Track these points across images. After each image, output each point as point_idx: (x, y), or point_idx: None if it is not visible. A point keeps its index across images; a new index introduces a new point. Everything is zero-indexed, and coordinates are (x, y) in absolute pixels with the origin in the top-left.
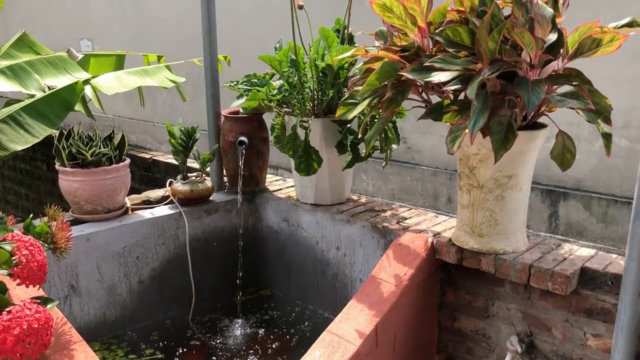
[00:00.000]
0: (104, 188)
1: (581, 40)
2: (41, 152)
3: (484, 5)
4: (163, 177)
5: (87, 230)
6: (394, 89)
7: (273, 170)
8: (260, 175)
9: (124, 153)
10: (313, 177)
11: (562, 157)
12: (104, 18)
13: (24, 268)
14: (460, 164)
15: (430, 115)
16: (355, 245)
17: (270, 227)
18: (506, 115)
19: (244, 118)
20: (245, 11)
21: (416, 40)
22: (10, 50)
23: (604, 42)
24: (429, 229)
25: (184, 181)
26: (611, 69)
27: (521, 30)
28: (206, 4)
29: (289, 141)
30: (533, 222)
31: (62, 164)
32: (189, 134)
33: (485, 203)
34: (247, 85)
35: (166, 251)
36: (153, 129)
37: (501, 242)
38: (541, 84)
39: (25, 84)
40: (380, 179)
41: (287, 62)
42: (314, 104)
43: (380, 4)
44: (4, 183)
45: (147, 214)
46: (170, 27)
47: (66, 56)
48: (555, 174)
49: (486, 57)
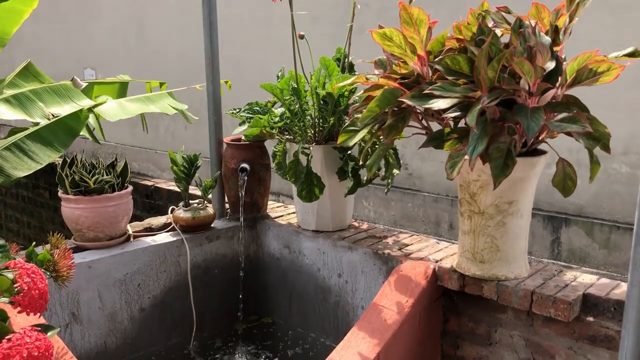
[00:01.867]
0: (107, 215)
1: (579, 69)
2: (44, 179)
3: (482, 34)
4: (165, 205)
5: (89, 257)
6: (395, 116)
7: (274, 196)
8: (261, 201)
9: (126, 180)
10: (314, 204)
11: (563, 184)
12: (108, 48)
13: (25, 296)
14: (461, 191)
15: (431, 143)
16: (357, 272)
17: (271, 254)
18: (505, 142)
19: (246, 145)
20: (247, 41)
21: (416, 68)
22: (15, 80)
23: (602, 71)
24: (431, 256)
25: (185, 208)
26: (610, 96)
27: (521, 59)
28: (209, 34)
29: (291, 167)
30: (535, 249)
31: (65, 192)
32: (191, 161)
33: (486, 229)
34: (249, 113)
35: (167, 278)
36: (155, 157)
37: (503, 268)
38: (540, 111)
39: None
40: (382, 205)
41: (288, 90)
42: (315, 131)
43: (380, 33)
44: (6, 211)
45: (149, 241)
46: (173, 56)
47: (70, 84)
48: (556, 200)
49: (485, 85)
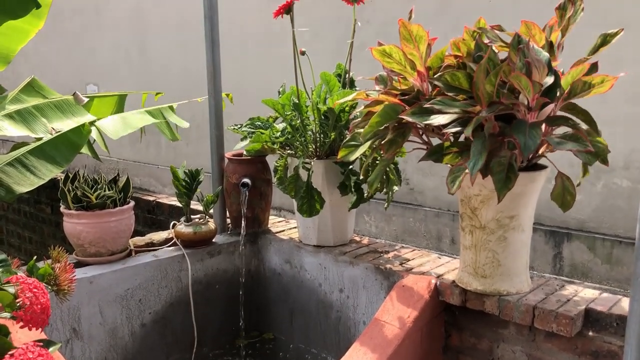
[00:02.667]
0: (108, 230)
1: (573, 82)
2: (46, 195)
3: (480, 50)
4: (166, 220)
5: (90, 272)
6: (395, 131)
7: (276, 211)
8: (263, 216)
9: (128, 196)
10: (315, 219)
11: (562, 198)
12: (110, 63)
13: (27, 310)
14: (462, 205)
15: (431, 157)
16: (358, 287)
17: (273, 269)
18: (506, 156)
19: (247, 160)
20: (249, 57)
21: (415, 84)
22: (19, 95)
23: (595, 83)
24: (432, 271)
25: (187, 223)
26: (610, 111)
27: (518, 74)
28: (211, 50)
29: (291, 182)
30: (537, 264)
31: (67, 207)
32: (193, 176)
33: (487, 244)
34: (250, 128)
35: (169, 294)
36: (157, 172)
37: (504, 283)
38: (538, 127)
39: (32, 128)
40: (383, 220)
41: (289, 105)
42: (316, 146)
43: (380, 49)
44: (8, 226)
45: (150, 256)
46: (175, 72)
47: (72, 99)
48: (558, 215)
49: (484, 99)
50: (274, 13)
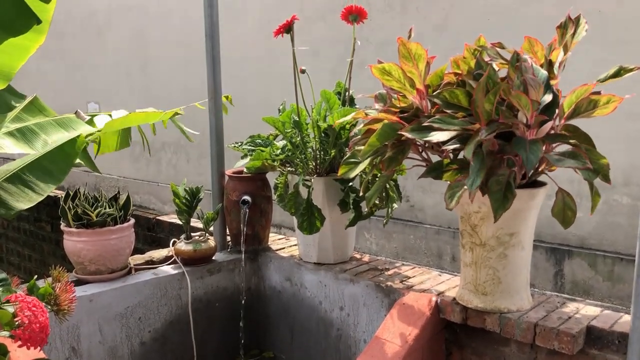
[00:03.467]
0: (109, 248)
1: (578, 101)
2: (46, 212)
3: (480, 68)
4: (167, 237)
5: (90, 290)
6: (394, 149)
7: (276, 229)
8: (263, 234)
9: (128, 213)
10: (316, 236)
11: (563, 214)
12: (112, 82)
13: (26, 329)
14: (462, 222)
15: (430, 173)
16: (359, 305)
17: (273, 287)
18: (505, 174)
19: (247, 177)
20: (250, 75)
21: (415, 102)
22: (20, 114)
23: (600, 103)
24: (433, 288)
25: (187, 241)
26: (610, 128)
27: (518, 93)
28: (212, 68)
29: (291, 199)
30: (538, 281)
31: (68, 225)
32: (193, 193)
33: (488, 261)
34: (251, 146)
35: (168, 312)
36: (157, 189)
37: (505, 300)
38: (538, 143)
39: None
40: (384, 237)
41: (290, 123)
42: (317, 163)
43: (379, 67)
44: (8, 244)
45: (150, 274)
46: (176, 90)
47: (74, 117)
48: (558, 232)
49: (483, 118)
50: (274, 32)
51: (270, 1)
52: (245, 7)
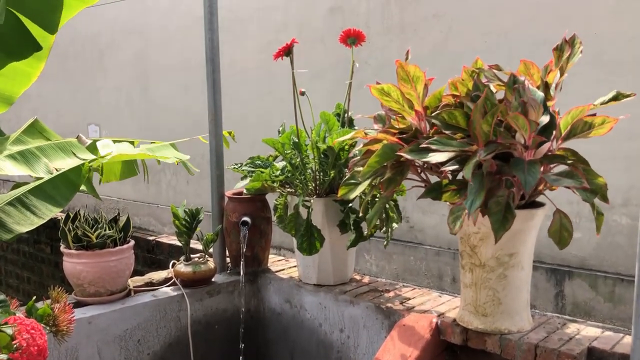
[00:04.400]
0: (108, 270)
1: (574, 122)
2: (46, 234)
3: (478, 90)
4: (166, 259)
5: (89, 312)
6: (394, 170)
7: (276, 250)
8: (263, 255)
9: (128, 235)
10: (315, 257)
11: (559, 235)
12: (112, 105)
13: (24, 352)
14: (462, 243)
15: (429, 194)
16: (359, 327)
17: (272, 309)
18: (504, 195)
19: (247, 199)
20: (250, 97)
21: (413, 123)
22: (21, 136)
23: (596, 124)
24: (433, 309)
25: (186, 262)
26: (607, 148)
27: (516, 114)
28: (212, 91)
29: (291, 220)
30: (539, 302)
31: (67, 246)
32: (193, 215)
33: (487, 282)
34: (251, 167)
35: (168, 334)
36: (157, 211)
37: (506, 321)
38: (536, 164)
39: (34, 168)
40: (384, 258)
41: (289, 144)
42: (316, 184)
43: (378, 88)
44: (7, 266)
45: (150, 296)
46: (176, 112)
47: (75, 141)
48: (558, 253)
49: (481, 139)
50: (274, 55)
51: (270, 24)
52: (245, 30)
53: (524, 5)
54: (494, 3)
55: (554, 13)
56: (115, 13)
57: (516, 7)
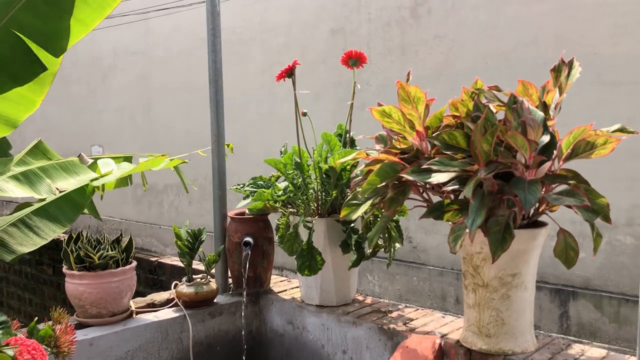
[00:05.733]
0: (110, 291)
1: (576, 142)
2: (48, 255)
3: (478, 111)
4: (168, 280)
5: (91, 334)
6: (395, 189)
7: (278, 271)
8: (265, 276)
9: (130, 256)
10: (318, 278)
11: (565, 254)
12: (115, 126)
13: None
14: (465, 263)
15: (431, 214)
16: (362, 348)
17: (275, 330)
18: (504, 215)
19: (249, 219)
20: (252, 118)
21: (415, 143)
22: (25, 158)
23: (598, 144)
24: (437, 330)
25: (189, 283)
26: (610, 168)
27: (514, 133)
28: (215, 112)
29: (289, 239)
30: (544, 323)
31: (70, 267)
32: (195, 235)
33: (491, 302)
34: (253, 187)
35: (169, 356)
36: (159, 232)
37: (509, 342)
38: (537, 183)
39: (37, 189)
40: (387, 279)
41: (291, 164)
42: (318, 204)
43: (379, 110)
44: (9, 288)
45: (151, 317)
46: (179, 133)
47: (77, 160)
48: (562, 273)
49: (482, 158)
50: (277, 77)
51: (272, 46)
52: (248, 52)
53: (525, 27)
54: (495, 24)
55: (554, 35)
56: (118, 36)
57: (517, 29)
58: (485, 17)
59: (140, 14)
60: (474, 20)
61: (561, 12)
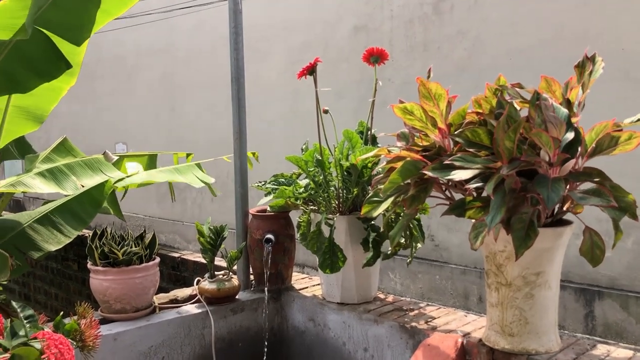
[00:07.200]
0: (134, 287)
1: (599, 138)
2: (73, 251)
3: (501, 107)
4: (191, 276)
5: (115, 329)
6: (417, 187)
7: (299, 268)
8: (286, 273)
9: (154, 252)
10: (339, 275)
11: (591, 253)
12: (139, 123)
13: None
14: (487, 262)
15: (453, 211)
16: (383, 346)
17: (296, 327)
18: (528, 213)
19: (271, 216)
20: (274, 116)
21: (437, 140)
22: (51, 155)
23: (622, 140)
24: (459, 329)
25: (211, 279)
26: (635, 165)
27: (539, 131)
28: (237, 111)
29: (313, 237)
30: (568, 322)
31: (94, 263)
32: (217, 232)
33: (514, 301)
34: (274, 185)
35: (191, 352)
36: (182, 228)
37: (533, 342)
38: (561, 181)
39: (62, 185)
40: (409, 277)
41: (312, 162)
42: (339, 201)
43: (401, 107)
44: (35, 283)
45: (174, 313)
46: (202, 131)
47: (102, 158)
48: (587, 272)
49: (505, 155)
50: (298, 74)
51: (294, 43)
52: (270, 50)
53: (549, 22)
54: (519, 20)
55: (579, 30)
56: (142, 34)
57: (540, 25)
58: (508, 13)
59: (164, 13)
60: (498, 16)
61: (586, 6)
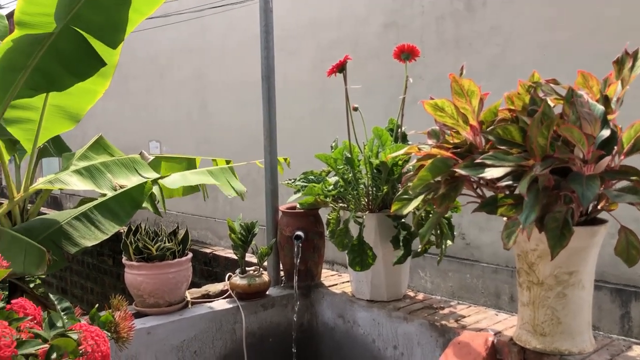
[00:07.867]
0: (167, 282)
1: (637, 136)
2: (108, 246)
3: (535, 104)
4: (222, 272)
5: (149, 323)
6: (448, 185)
7: (329, 265)
8: (316, 269)
9: (187, 248)
10: (368, 273)
11: (627, 253)
12: (172, 122)
13: (89, 358)
14: (519, 260)
15: (484, 208)
16: (413, 344)
17: (325, 324)
18: (562, 211)
19: (300, 213)
20: (304, 114)
21: (468, 138)
22: (87, 152)
23: None
24: (489, 328)
25: (242, 275)
26: None
27: (569, 126)
28: (267, 109)
29: (340, 235)
30: (603, 323)
31: (129, 258)
32: (248, 228)
33: (546, 301)
34: (304, 182)
35: (223, 346)
36: (214, 225)
37: (566, 342)
38: (595, 178)
39: (98, 183)
40: (439, 275)
41: (342, 159)
42: (369, 199)
43: (432, 103)
44: (72, 277)
45: (206, 308)
46: (233, 129)
47: (138, 158)
48: (623, 272)
49: (538, 153)
50: (328, 72)
51: (324, 41)
52: (300, 48)
53: (585, 17)
54: (553, 15)
55: (616, 25)
56: (175, 34)
57: (576, 20)
58: (543, 8)
59: (196, 12)
60: (531, 11)
61: None
